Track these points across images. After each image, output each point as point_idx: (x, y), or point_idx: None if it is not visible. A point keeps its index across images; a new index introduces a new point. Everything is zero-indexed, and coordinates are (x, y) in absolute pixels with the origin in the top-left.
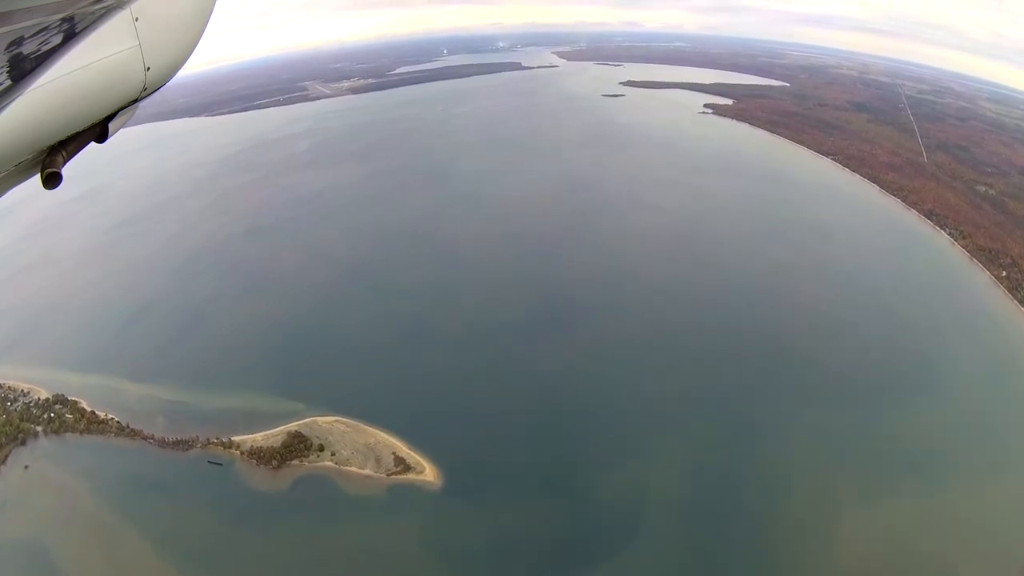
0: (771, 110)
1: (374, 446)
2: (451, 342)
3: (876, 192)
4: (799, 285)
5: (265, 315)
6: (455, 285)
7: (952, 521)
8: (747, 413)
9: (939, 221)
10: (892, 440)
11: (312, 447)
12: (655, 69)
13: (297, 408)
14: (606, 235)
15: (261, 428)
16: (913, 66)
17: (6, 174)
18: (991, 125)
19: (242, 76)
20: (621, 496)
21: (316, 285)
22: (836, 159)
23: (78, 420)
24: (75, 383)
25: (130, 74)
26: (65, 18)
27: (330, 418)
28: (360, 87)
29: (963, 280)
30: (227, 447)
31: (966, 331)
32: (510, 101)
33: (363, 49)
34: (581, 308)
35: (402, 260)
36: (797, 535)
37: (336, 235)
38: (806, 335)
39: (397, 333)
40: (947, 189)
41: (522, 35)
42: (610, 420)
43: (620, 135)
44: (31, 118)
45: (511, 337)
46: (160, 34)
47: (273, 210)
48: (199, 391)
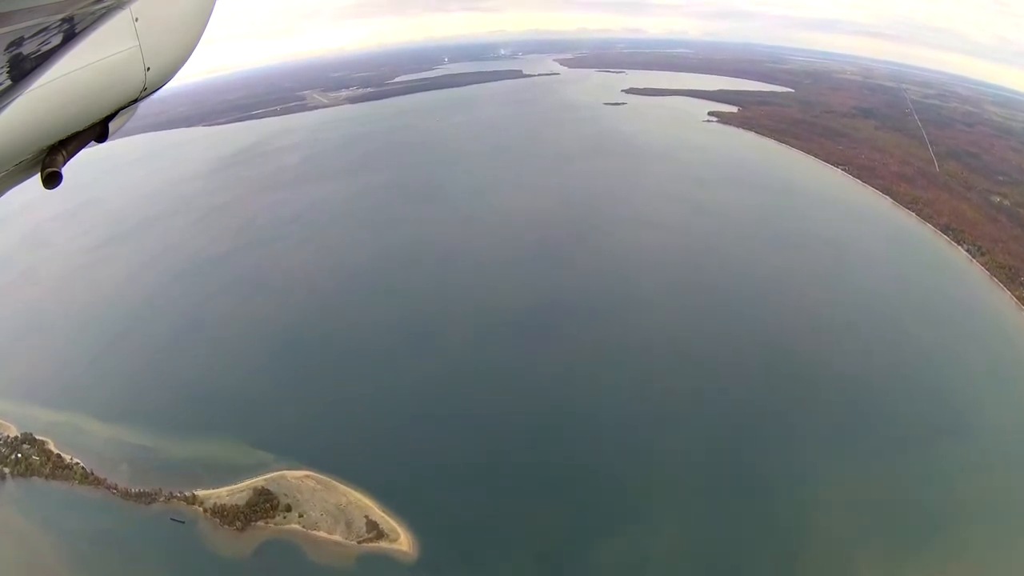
0: (777, 118)
1: (345, 507)
2: (434, 390)
3: (889, 205)
4: (812, 310)
5: (238, 351)
6: (441, 321)
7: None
8: (769, 473)
9: (956, 236)
10: (916, 488)
11: (279, 507)
12: (658, 76)
13: (266, 459)
14: (605, 259)
15: (227, 481)
16: (917, 70)
17: (6, 174)
18: (999, 130)
19: (242, 85)
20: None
21: (293, 319)
22: (846, 169)
23: (44, 463)
24: (43, 420)
25: (130, 74)
26: (65, 18)
27: (300, 472)
28: (358, 96)
29: (985, 303)
30: (190, 503)
31: (993, 364)
32: (509, 110)
33: (363, 57)
34: (580, 348)
35: (385, 291)
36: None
37: (319, 259)
38: (821, 367)
39: (376, 378)
40: (962, 201)
41: (524, 42)
42: (610, 480)
43: (622, 146)
44: (31, 118)
45: (500, 384)
46: (160, 34)
47: (257, 229)
48: (166, 434)
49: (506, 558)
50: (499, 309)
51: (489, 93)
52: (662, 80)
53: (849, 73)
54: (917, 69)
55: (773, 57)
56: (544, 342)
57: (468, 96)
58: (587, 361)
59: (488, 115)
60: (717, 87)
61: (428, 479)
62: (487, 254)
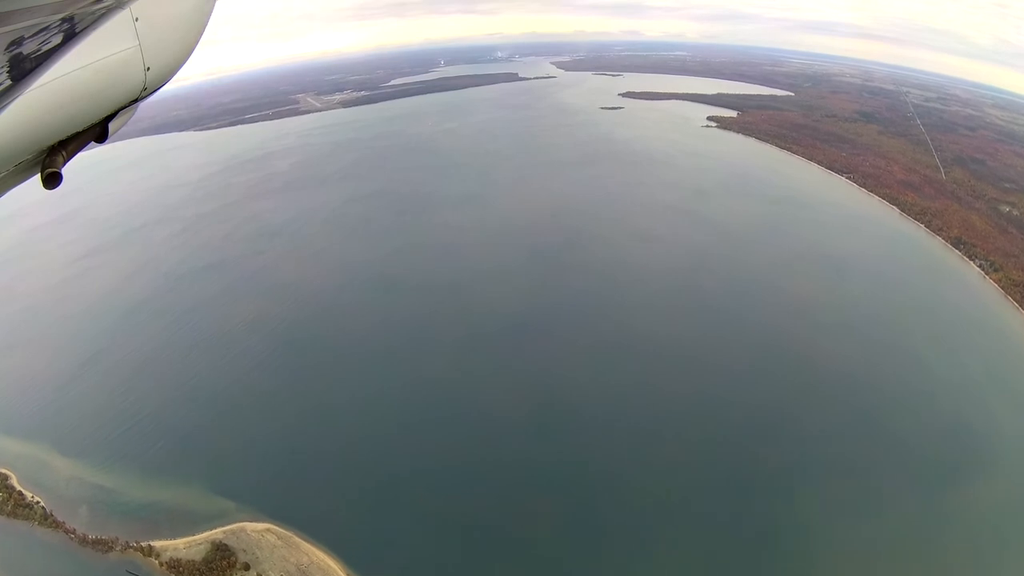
0: (777, 122)
1: (306, 568)
2: (415, 434)
3: (897, 216)
4: (824, 337)
5: (207, 381)
6: (422, 352)
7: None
8: (782, 513)
9: (968, 251)
10: (936, 529)
11: (236, 564)
12: (655, 79)
13: (226, 508)
14: (596, 278)
15: (186, 531)
16: (916, 72)
17: (6, 174)
18: (1002, 134)
19: (239, 88)
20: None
21: (269, 349)
22: (851, 177)
23: (6, 500)
24: (9, 451)
25: (130, 74)
26: (65, 18)
27: (261, 525)
28: (351, 100)
29: (1003, 326)
30: (147, 554)
31: (1016, 394)
32: (502, 115)
33: (360, 60)
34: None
35: (363, 315)
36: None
37: (298, 278)
38: (834, 400)
39: (352, 419)
40: (971, 211)
41: (521, 45)
42: (610, 532)
43: (617, 153)
44: (31, 118)
45: (486, 431)
46: (160, 34)
47: (236, 243)
48: (127, 474)
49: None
50: (480, 344)
51: (483, 97)
52: (659, 83)
53: (848, 76)
54: (916, 72)
55: (771, 60)
56: (530, 377)
57: (462, 100)
58: (574, 413)
59: (480, 120)
60: (715, 90)
61: (402, 540)
62: (470, 275)
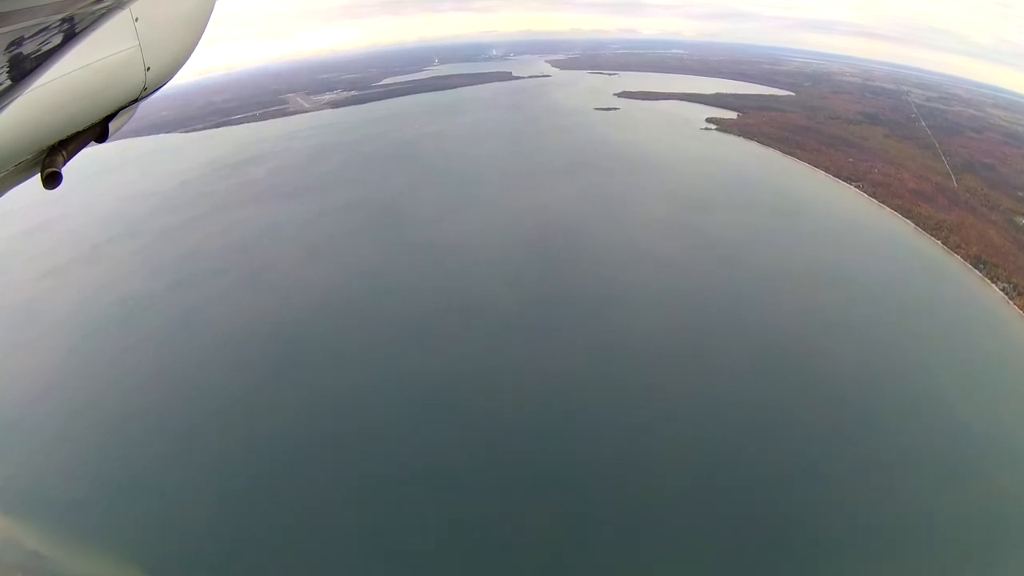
0: (780, 125)
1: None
2: (395, 497)
3: (912, 231)
4: (836, 368)
5: (148, 425)
6: (395, 397)
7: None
8: None
9: (990, 272)
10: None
11: None
12: (652, 78)
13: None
14: (585, 311)
15: None
16: (916, 71)
17: (6, 174)
18: (1007, 136)
19: (231, 87)
20: None
21: (225, 383)
22: (860, 186)
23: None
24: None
25: (130, 74)
26: (65, 18)
27: None
28: (341, 100)
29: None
30: None
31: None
32: (493, 116)
33: (354, 58)
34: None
35: (332, 348)
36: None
37: (264, 299)
38: (855, 445)
39: (324, 475)
40: (988, 224)
41: (516, 43)
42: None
43: (611, 159)
44: (31, 118)
45: (471, 489)
46: (160, 34)
47: (203, 258)
48: (61, 540)
49: None
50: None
51: (475, 97)
52: (656, 82)
53: (849, 75)
54: (916, 71)
55: (771, 58)
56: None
57: (452, 100)
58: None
59: (470, 122)
60: (714, 90)
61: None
62: (439, 303)
